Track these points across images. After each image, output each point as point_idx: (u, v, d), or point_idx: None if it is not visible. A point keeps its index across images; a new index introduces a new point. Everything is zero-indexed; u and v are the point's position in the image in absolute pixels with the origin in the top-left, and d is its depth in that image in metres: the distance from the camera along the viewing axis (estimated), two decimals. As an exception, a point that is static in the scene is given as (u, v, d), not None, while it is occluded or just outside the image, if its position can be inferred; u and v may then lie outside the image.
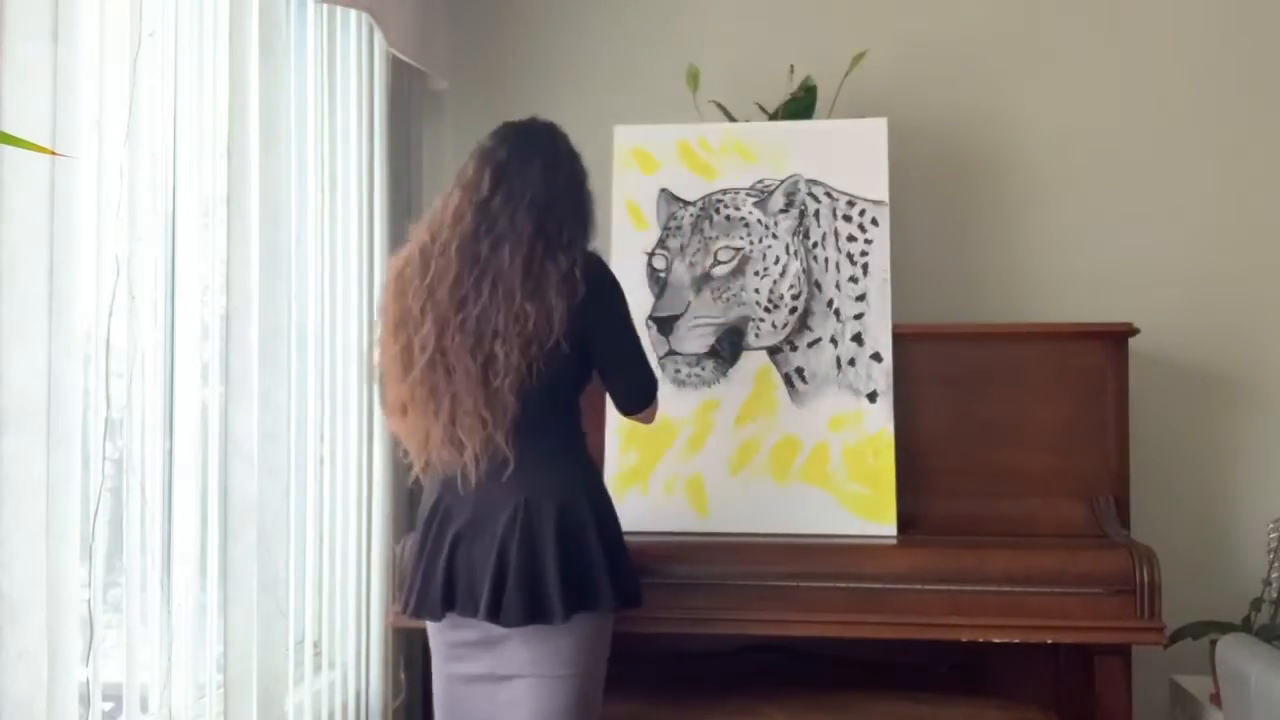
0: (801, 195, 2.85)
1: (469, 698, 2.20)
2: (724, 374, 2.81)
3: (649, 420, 2.38)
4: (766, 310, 2.82)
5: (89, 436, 1.79)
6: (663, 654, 2.70)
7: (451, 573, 2.15)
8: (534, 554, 2.09)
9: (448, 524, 2.17)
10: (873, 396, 2.75)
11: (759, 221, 2.85)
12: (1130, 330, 2.79)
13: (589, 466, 2.24)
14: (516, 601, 2.07)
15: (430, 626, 2.24)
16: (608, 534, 2.16)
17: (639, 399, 2.30)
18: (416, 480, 2.27)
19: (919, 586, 2.44)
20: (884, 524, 2.66)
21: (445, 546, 2.15)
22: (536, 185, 2.16)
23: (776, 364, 2.81)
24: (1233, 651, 2.52)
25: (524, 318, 2.08)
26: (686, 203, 2.89)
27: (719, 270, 2.84)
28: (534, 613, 2.07)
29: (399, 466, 2.91)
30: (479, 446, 2.10)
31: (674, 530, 2.68)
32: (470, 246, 2.14)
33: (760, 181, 2.87)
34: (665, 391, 2.78)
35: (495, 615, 2.08)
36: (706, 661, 2.73)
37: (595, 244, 2.28)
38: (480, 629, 2.14)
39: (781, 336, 2.81)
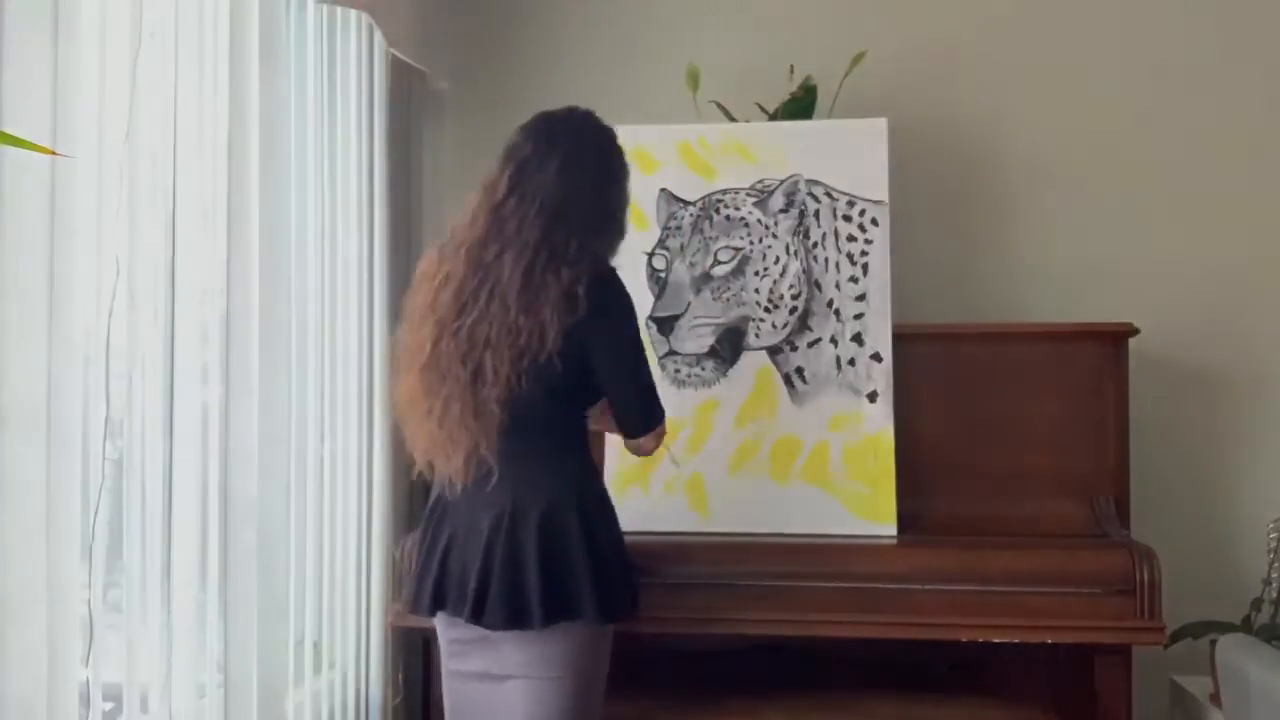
0: (801, 195, 2.85)
1: (469, 694, 2.21)
2: (724, 374, 2.81)
3: (641, 452, 2.29)
4: (766, 310, 2.82)
5: (89, 436, 1.79)
6: (663, 654, 2.70)
7: (444, 572, 2.15)
8: (516, 559, 2.08)
9: (444, 523, 2.18)
10: (873, 396, 2.75)
11: (759, 221, 2.85)
12: (1130, 330, 2.79)
13: (582, 478, 2.19)
14: (498, 604, 2.07)
15: (436, 623, 2.25)
16: (595, 546, 2.11)
17: (632, 426, 2.23)
18: (420, 475, 2.28)
19: (919, 586, 2.44)
20: (884, 524, 2.66)
21: (440, 546, 2.17)
22: (550, 188, 2.12)
23: (776, 364, 2.81)
24: (1233, 651, 2.52)
25: (516, 331, 2.05)
26: (686, 203, 2.89)
27: (719, 270, 2.84)
28: (514, 617, 2.07)
29: (399, 467, 2.91)
30: (465, 454, 2.09)
31: (674, 530, 2.67)
32: (477, 252, 2.12)
33: (760, 181, 2.87)
34: (665, 391, 2.78)
35: (478, 617, 2.09)
36: (706, 661, 2.73)
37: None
38: (476, 628, 2.14)
39: (781, 336, 2.81)
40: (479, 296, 2.09)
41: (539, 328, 2.05)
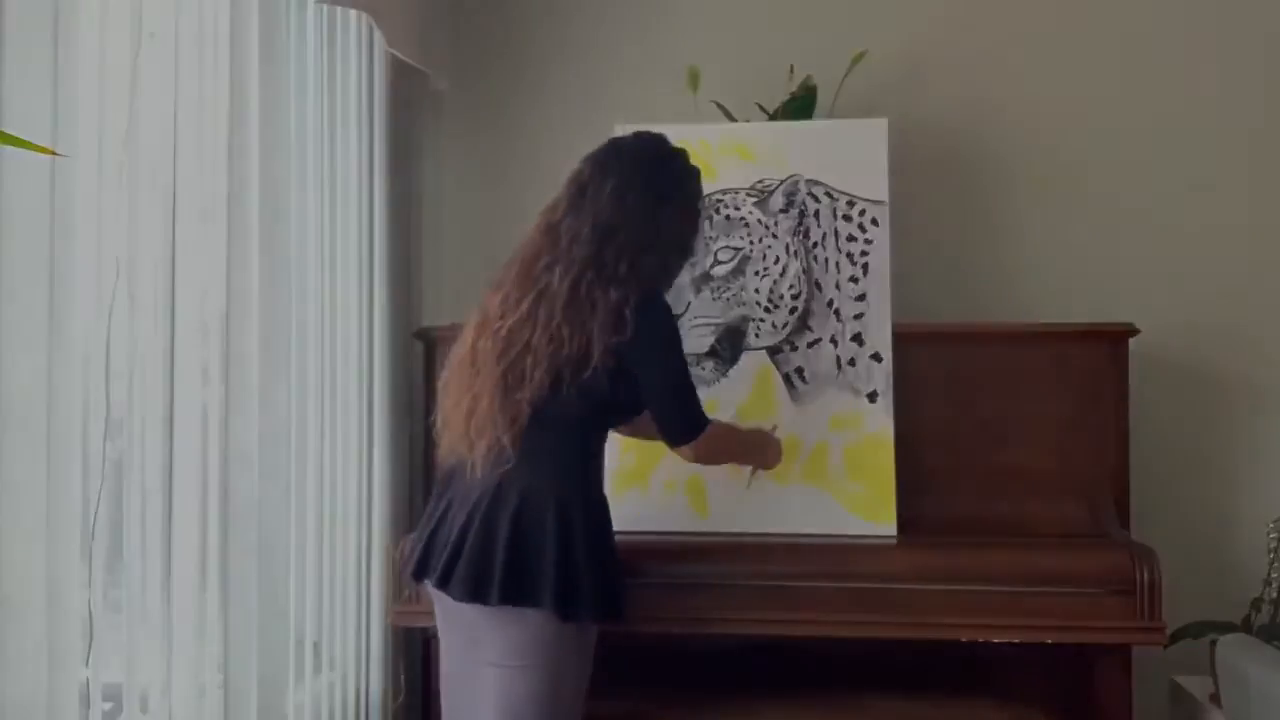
0: (801, 195, 2.85)
1: (458, 672, 2.26)
2: (724, 374, 2.81)
3: (691, 459, 2.39)
4: (766, 310, 2.82)
5: (89, 436, 1.79)
6: (663, 654, 2.70)
7: (432, 540, 2.23)
8: (488, 534, 2.15)
9: (444, 497, 2.27)
10: (873, 396, 2.75)
11: (759, 221, 2.85)
12: (1130, 330, 2.79)
13: (576, 481, 2.22)
14: (464, 576, 2.14)
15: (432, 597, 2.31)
16: (569, 543, 2.15)
17: (673, 435, 2.33)
18: (429, 471, 2.32)
19: (919, 586, 2.44)
20: (884, 524, 2.66)
21: (436, 516, 2.25)
22: (604, 209, 2.21)
23: (776, 364, 2.80)
24: (1233, 651, 2.53)
25: (558, 340, 2.14)
26: (686, 203, 2.89)
27: (719, 270, 2.84)
28: (475, 590, 2.13)
29: (399, 467, 2.91)
30: (487, 446, 2.17)
31: (674, 530, 2.67)
32: (529, 266, 2.22)
33: (760, 181, 2.87)
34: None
35: (445, 584, 2.16)
36: (706, 661, 2.73)
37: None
38: (448, 607, 2.20)
39: (781, 336, 2.81)
40: (522, 303, 2.19)
41: (584, 343, 2.14)
